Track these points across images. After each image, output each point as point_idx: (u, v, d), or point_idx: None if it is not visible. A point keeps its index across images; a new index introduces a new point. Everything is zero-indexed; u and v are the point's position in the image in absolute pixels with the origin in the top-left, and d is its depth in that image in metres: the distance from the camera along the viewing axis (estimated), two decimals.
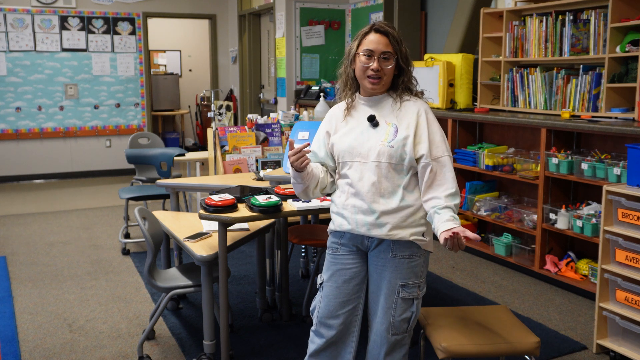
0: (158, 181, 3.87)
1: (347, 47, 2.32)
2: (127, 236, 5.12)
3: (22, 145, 8.08)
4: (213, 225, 3.19)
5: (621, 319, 3.04)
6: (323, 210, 2.91)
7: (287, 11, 7.35)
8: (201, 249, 2.95)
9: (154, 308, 3.32)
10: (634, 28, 3.89)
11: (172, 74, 10.79)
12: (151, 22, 9.71)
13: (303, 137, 3.85)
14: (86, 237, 5.37)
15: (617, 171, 3.59)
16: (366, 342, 2.37)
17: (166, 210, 5.18)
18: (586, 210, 3.91)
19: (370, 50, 2.19)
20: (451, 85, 5.04)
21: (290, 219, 3.69)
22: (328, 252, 2.37)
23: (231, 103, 5.26)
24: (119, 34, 8.34)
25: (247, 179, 3.95)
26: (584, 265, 4.03)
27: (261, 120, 4.99)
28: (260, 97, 8.81)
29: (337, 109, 2.36)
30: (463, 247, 2.05)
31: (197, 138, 11.10)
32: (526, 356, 2.38)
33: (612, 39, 3.92)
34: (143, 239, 4.56)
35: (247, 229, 3.31)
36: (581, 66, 4.19)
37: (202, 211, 2.78)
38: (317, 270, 3.61)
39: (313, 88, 7.28)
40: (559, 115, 4.27)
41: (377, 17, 6.82)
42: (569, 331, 3.44)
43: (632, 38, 3.82)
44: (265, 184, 3.69)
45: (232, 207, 2.80)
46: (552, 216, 4.08)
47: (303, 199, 2.40)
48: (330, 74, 7.66)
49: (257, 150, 4.79)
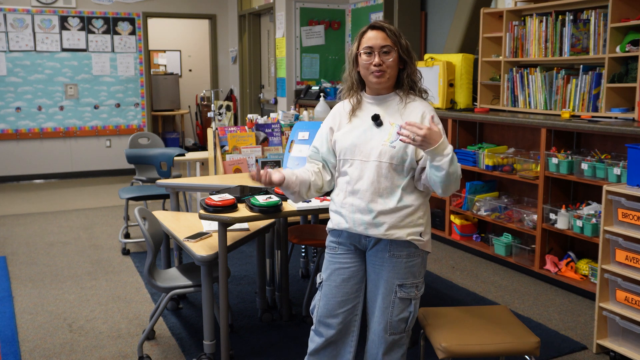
0: (158, 181, 3.87)
1: (348, 51, 2.33)
2: (127, 236, 5.12)
3: (22, 145, 8.08)
4: (213, 225, 3.19)
5: (621, 319, 3.04)
6: (323, 210, 2.91)
7: (287, 11, 7.35)
8: (201, 249, 2.95)
9: (154, 308, 3.32)
10: (634, 28, 3.89)
11: (172, 74, 10.79)
12: (151, 22, 9.71)
13: (303, 137, 3.85)
14: (86, 237, 5.37)
15: (617, 171, 3.59)
16: (365, 342, 2.37)
17: (166, 210, 5.18)
18: (586, 210, 3.91)
19: (369, 47, 2.20)
20: (451, 85, 5.04)
21: (290, 219, 3.69)
22: (327, 252, 2.37)
23: (231, 103, 5.26)
24: (119, 34, 8.34)
25: (247, 179, 3.95)
26: (584, 265, 4.03)
27: (261, 120, 4.98)
28: (260, 97, 8.81)
29: (342, 106, 2.36)
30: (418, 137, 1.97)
31: (197, 138, 11.10)
32: (526, 356, 2.38)
33: (612, 39, 3.92)
34: (143, 239, 4.55)
35: (247, 229, 3.31)
36: (581, 66, 4.19)
37: (202, 211, 2.78)
38: (317, 270, 3.61)
39: (313, 88, 7.28)
40: (559, 115, 4.27)
41: (377, 17, 6.82)
42: (569, 331, 3.44)
43: (632, 38, 3.82)
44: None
45: (232, 207, 2.80)
46: (552, 216, 4.08)
47: (298, 202, 2.41)
48: (330, 74, 7.66)
49: (257, 150, 4.78)
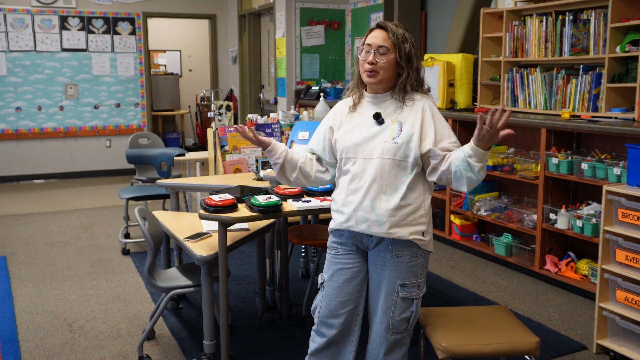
0: (158, 181, 3.87)
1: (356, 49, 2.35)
2: (127, 236, 5.12)
3: (22, 145, 8.08)
4: (213, 225, 3.19)
5: (621, 319, 3.04)
6: (323, 210, 2.91)
7: (287, 11, 7.35)
8: (201, 249, 2.95)
9: (154, 308, 3.32)
10: (634, 28, 3.89)
11: (172, 74, 10.79)
12: (151, 22, 9.71)
13: (303, 137, 3.85)
14: (86, 237, 5.37)
15: (617, 171, 3.59)
16: (367, 342, 2.37)
17: (166, 210, 5.18)
18: (586, 210, 3.91)
19: (368, 44, 2.21)
20: (451, 85, 5.04)
21: (290, 219, 3.69)
22: (328, 252, 2.37)
23: (231, 103, 5.26)
24: (119, 34, 8.34)
25: (247, 179, 3.95)
26: (584, 265, 4.03)
27: (261, 120, 4.98)
28: (260, 97, 8.81)
29: (343, 105, 2.36)
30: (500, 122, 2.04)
31: (197, 138, 11.10)
32: (526, 356, 2.38)
33: (612, 39, 3.92)
34: (143, 239, 4.55)
35: (247, 229, 3.31)
36: (581, 66, 4.19)
37: (202, 211, 2.78)
38: (317, 270, 3.61)
39: (313, 88, 7.28)
40: (559, 115, 4.27)
41: (377, 17, 6.82)
42: (569, 331, 3.44)
43: (632, 38, 3.82)
44: (265, 184, 3.68)
45: (232, 207, 2.80)
46: (552, 216, 4.08)
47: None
48: (330, 74, 7.66)
49: (257, 150, 4.78)
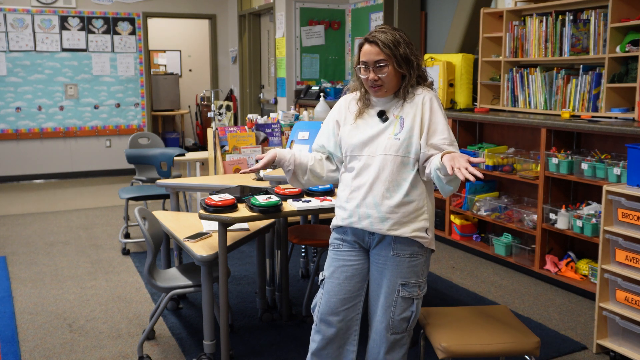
0: (158, 181, 3.87)
1: (354, 57, 2.34)
2: (127, 236, 5.12)
3: (22, 145, 8.08)
4: (213, 225, 3.19)
5: (621, 319, 3.04)
6: (323, 210, 2.91)
7: (287, 11, 7.35)
8: (201, 249, 2.95)
9: (154, 308, 3.32)
10: (634, 28, 3.89)
11: (172, 74, 10.79)
12: (151, 22, 9.71)
13: (303, 137, 3.85)
14: (86, 237, 5.37)
15: (617, 171, 3.59)
16: (366, 341, 2.37)
17: (166, 210, 5.18)
18: (586, 210, 3.91)
19: (364, 62, 2.20)
20: (451, 85, 5.04)
21: (290, 219, 3.69)
22: (330, 249, 2.37)
23: (231, 103, 5.26)
24: (119, 34, 8.34)
25: (247, 179, 3.95)
26: (584, 265, 4.03)
27: (261, 120, 4.99)
28: (260, 97, 8.81)
29: (348, 99, 2.36)
30: (470, 173, 1.89)
31: (197, 138, 11.10)
32: (526, 356, 2.38)
33: (612, 39, 3.92)
34: (143, 239, 4.56)
35: (247, 229, 3.31)
36: (581, 66, 4.19)
37: (202, 211, 2.77)
38: (317, 270, 3.61)
39: (313, 88, 7.28)
40: (559, 115, 4.27)
41: (377, 17, 6.82)
42: (569, 331, 3.44)
43: (632, 38, 3.82)
44: (265, 184, 3.69)
45: (232, 207, 2.80)
46: (552, 216, 4.08)
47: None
48: (330, 74, 7.66)
49: (257, 150, 4.79)
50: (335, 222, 2.35)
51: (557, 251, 4.25)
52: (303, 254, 4.37)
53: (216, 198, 2.80)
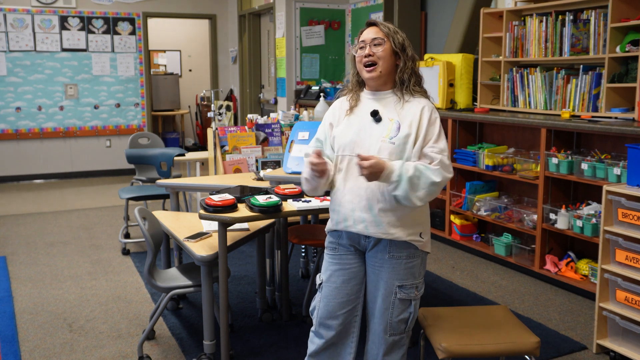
0: (158, 181, 3.87)
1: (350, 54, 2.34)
2: (127, 236, 5.12)
3: (22, 145, 8.08)
4: (213, 225, 3.19)
5: (621, 319, 3.04)
6: (323, 210, 2.91)
7: (287, 11, 7.35)
8: (201, 249, 2.95)
9: (154, 308, 3.32)
10: (634, 28, 3.89)
11: (172, 74, 10.79)
12: (151, 22, 9.71)
13: (303, 137, 3.85)
14: (86, 237, 5.37)
15: (617, 171, 3.59)
16: (365, 342, 2.37)
17: (166, 210, 5.18)
18: (586, 210, 3.91)
19: (362, 41, 2.22)
20: (451, 85, 5.04)
21: (290, 219, 3.69)
22: (326, 252, 2.36)
23: (231, 103, 5.26)
24: (119, 34, 8.34)
25: (247, 179, 3.95)
26: (584, 265, 4.03)
27: (261, 120, 4.99)
28: (260, 97, 8.81)
29: (342, 101, 2.35)
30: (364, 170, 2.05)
31: (197, 138, 11.10)
32: (526, 356, 2.38)
33: (612, 39, 3.92)
34: (143, 239, 4.55)
35: (247, 229, 3.31)
36: (581, 66, 4.19)
37: (202, 211, 2.77)
38: (317, 270, 3.61)
39: (313, 88, 7.29)
40: (559, 115, 4.27)
41: (377, 17, 6.83)
42: (569, 331, 3.44)
43: (632, 38, 3.82)
44: (265, 184, 3.69)
45: (232, 207, 2.80)
46: (552, 216, 4.08)
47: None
48: (330, 74, 7.66)
49: (257, 150, 4.79)
50: (330, 226, 2.33)
51: (557, 251, 4.25)
52: (303, 254, 4.37)
53: (216, 198, 2.80)
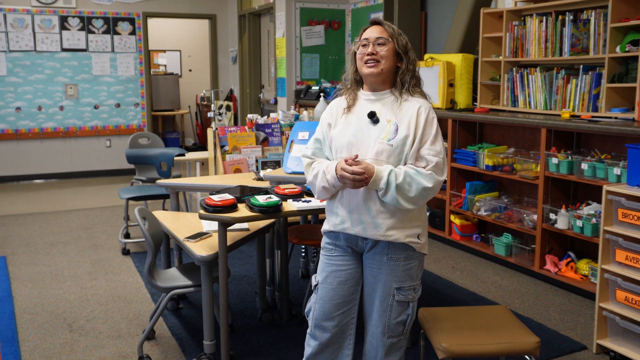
0: (158, 181, 3.87)
1: (350, 52, 2.32)
2: (127, 236, 5.12)
3: (22, 145, 8.08)
4: (213, 225, 3.19)
5: (621, 319, 3.04)
6: (323, 210, 2.90)
7: (287, 11, 7.35)
8: (201, 249, 2.95)
9: (154, 308, 3.32)
10: (634, 28, 3.89)
11: (172, 74, 10.79)
12: (151, 22, 9.71)
13: (303, 137, 3.85)
14: (86, 237, 5.37)
15: (617, 171, 3.59)
16: (362, 344, 2.36)
17: (166, 210, 5.18)
18: (586, 210, 3.91)
19: (365, 38, 2.21)
20: (451, 85, 5.04)
21: (290, 219, 3.69)
22: (322, 253, 2.35)
23: (231, 103, 5.26)
24: (119, 34, 8.34)
25: (247, 179, 3.95)
26: (584, 265, 4.03)
27: (261, 120, 4.99)
28: (260, 97, 8.81)
29: (339, 101, 2.33)
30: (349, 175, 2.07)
31: (197, 138, 11.10)
32: (526, 356, 2.38)
33: (612, 39, 3.92)
34: (143, 239, 4.56)
35: (247, 229, 3.31)
36: (581, 66, 4.19)
37: (202, 211, 2.77)
38: (317, 270, 3.61)
39: (313, 88, 7.28)
40: (559, 115, 4.27)
41: (375, 17, 6.82)
42: (569, 331, 3.44)
43: (632, 38, 3.82)
44: (265, 184, 3.69)
45: (232, 207, 2.80)
46: (552, 216, 4.08)
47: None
48: (330, 74, 7.66)
49: (257, 150, 4.79)
50: (327, 228, 2.32)
51: (557, 251, 4.25)
52: (303, 254, 4.37)
53: (216, 198, 2.80)
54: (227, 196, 2.84)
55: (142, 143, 5.77)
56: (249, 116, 5.01)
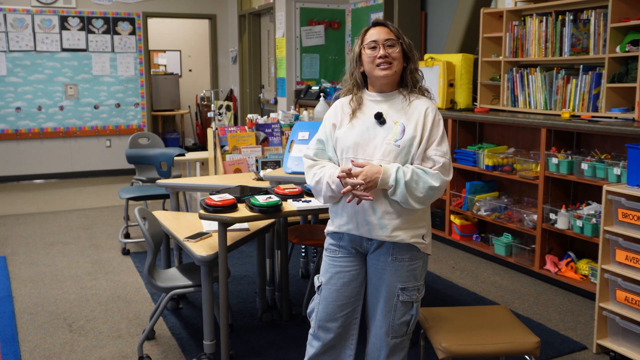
0: (158, 181, 3.87)
1: (351, 53, 2.31)
2: (127, 236, 5.12)
3: (22, 145, 8.08)
4: (213, 225, 3.19)
5: (621, 319, 3.04)
6: (323, 210, 2.91)
7: (287, 11, 7.35)
8: (201, 249, 2.95)
9: (154, 308, 3.32)
10: (634, 28, 3.89)
11: (172, 74, 10.79)
12: (151, 22, 9.71)
13: (303, 137, 3.85)
14: (86, 237, 5.37)
15: (617, 171, 3.59)
16: (364, 344, 2.37)
17: (166, 210, 5.18)
18: (586, 210, 3.91)
19: (373, 41, 2.20)
20: (451, 85, 5.04)
21: (290, 219, 3.69)
22: (326, 254, 2.34)
23: (231, 103, 5.26)
24: (119, 34, 8.34)
25: (247, 179, 3.95)
26: (584, 265, 4.03)
27: (261, 120, 4.99)
28: (260, 97, 8.81)
29: (343, 102, 2.31)
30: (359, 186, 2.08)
31: (197, 138, 11.10)
32: (526, 356, 2.38)
33: (612, 39, 3.92)
34: (143, 239, 4.56)
35: (247, 229, 3.31)
36: (581, 66, 4.19)
37: (202, 211, 2.78)
38: (317, 270, 3.61)
39: (313, 88, 7.29)
40: (559, 115, 4.27)
41: (378, 17, 6.82)
42: (569, 331, 3.44)
43: (632, 38, 3.82)
44: (265, 184, 3.69)
45: (232, 207, 2.80)
46: (552, 216, 4.08)
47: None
48: (330, 74, 7.66)
49: (257, 150, 4.79)
50: (331, 229, 2.31)
51: (557, 251, 4.25)
52: (303, 254, 4.37)
53: (216, 198, 2.80)
54: (227, 196, 2.84)
55: (142, 143, 5.77)
56: (249, 116, 5.01)
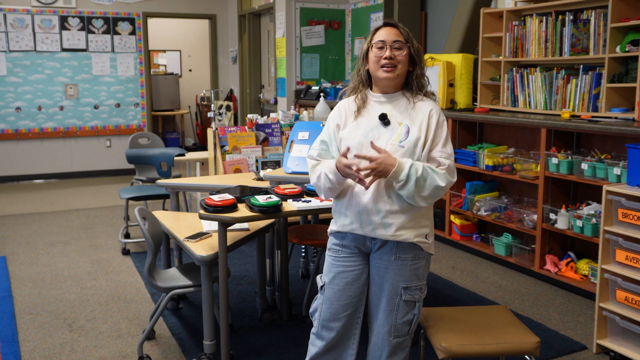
0: (158, 181, 3.87)
1: (359, 50, 2.31)
2: (127, 236, 5.12)
3: (22, 145, 8.08)
4: (213, 225, 3.19)
5: (621, 319, 3.04)
6: (323, 210, 2.91)
7: (287, 11, 7.35)
8: (201, 249, 2.95)
9: (154, 308, 3.32)
10: (634, 28, 3.89)
11: (172, 74, 10.80)
12: (151, 22, 9.71)
13: (303, 137, 3.85)
14: (86, 237, 5.37)
15: (617, 171, 3.59)
16: (366, 344, 2.37)
17: (166, 210, 5.18)
18: (586, 210, 3.91)
19: (381, 40, 2.19)
20: (451, 85, 5.04)
21: (290, 219, 3.69)
22: (329, 254, 2.34)
23: (231, 103, 5.26)
24: (119, 34, 8.34)
25: (247, 179, 3.95)
26: (584, 265, 4.03)
27: (261, 120, 4.99)
28: (260, 97, 8.81)
29: (348, 102, 2.31)
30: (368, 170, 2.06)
31: (197, 138, 11.10)
32: (526, 356, 2.38)
33: (612, 39, 3.92)
34: (143, 239, 4.56)
35: (247, 229, 3.31)
36: (581, 66, 4.19)
37: (202, 211, 2.78)
38: (317, 270, 3.61)
39: (313, 88, 7.29)
40: (559, 115, 4.27)
41: (377, 17, 6.82)
42: (569, 331, 3.44)
43: (632, 38, 3.82)
44: (265, 184, 3.69)
45: (232, 207, 2.80)
46: (552, 216, 4.08)
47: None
48: (330, 74, 7.66)
49: (257, 150, 4.79)
50: (334, 228, 2.31)
51: (557, 251, 4.25)
52: (303, 254, 4.37)
53: (216, 198, 2.80)
54: (227, 196, 2.84)
55: (142, 143, 5.77)
56: (249, 116, 5.01)
